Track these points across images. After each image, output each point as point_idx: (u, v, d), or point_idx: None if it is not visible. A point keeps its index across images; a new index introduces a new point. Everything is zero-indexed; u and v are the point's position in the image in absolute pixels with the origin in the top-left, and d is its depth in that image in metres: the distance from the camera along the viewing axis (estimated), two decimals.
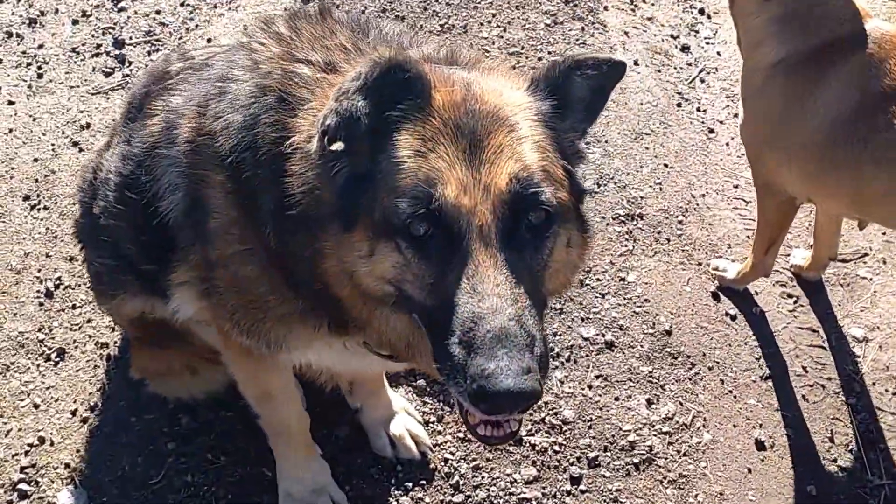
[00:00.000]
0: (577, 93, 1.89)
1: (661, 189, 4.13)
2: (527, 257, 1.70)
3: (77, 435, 3.30)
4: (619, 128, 4.41)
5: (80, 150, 4.30)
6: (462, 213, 1.64)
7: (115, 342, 3.56)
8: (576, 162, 1.89)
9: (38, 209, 4.06)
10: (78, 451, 3.25)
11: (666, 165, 4.25)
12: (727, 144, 4.42)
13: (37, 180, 4.17)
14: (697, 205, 4.08)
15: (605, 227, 3.92)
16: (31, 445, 3.27)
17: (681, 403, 3.29)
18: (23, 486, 3.16)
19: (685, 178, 4.22)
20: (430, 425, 3.24)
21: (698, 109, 4.63)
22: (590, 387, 3.33)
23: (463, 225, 1.64)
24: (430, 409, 3.28)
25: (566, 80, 1.86)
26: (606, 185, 4.11)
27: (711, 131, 4.49)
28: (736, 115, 4.58)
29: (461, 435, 3.22)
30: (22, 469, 3.20)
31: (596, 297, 3.64)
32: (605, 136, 4.34)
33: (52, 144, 4.33)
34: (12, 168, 4.23)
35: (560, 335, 3.50)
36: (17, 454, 3.25)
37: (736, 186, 4.19)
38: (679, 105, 4.63)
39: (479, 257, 1.62)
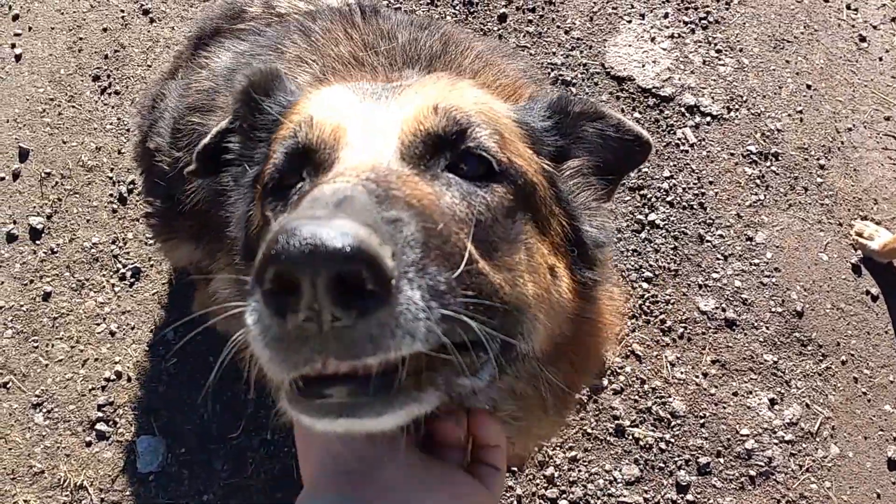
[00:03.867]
0: (587, 139, 1.30)
1: (801, 120, 3.07)
2: (449, 192, 1.01)
3: (154, 371, 2.73)
4: (756, 31, 3.27)
5: (152, 20, 3.38)
6: (332, 135, 1.07)
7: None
8: (583, 213, 1.25)
9: (109, 93, 3.23)
10: (156, 390, 2.70)
11: (809, 86, 3.17)
12: (880, 59, 3.28)
13: (106, 56, 3.29)
14: (842, 143, 3.05)
15: (734, 166, 2.95)
16: (108, 380, 2.72)
17: (808, 406, 2.54)
18: (101, 426, 2.65)
19: (830, 103, 3.15)
20: None
21: (849, 7, 3.41)
22: (705, 375, 2.58)
23: (331, 144, 1.06)
24: None
25: (575, 120, 1.29)
26: (738, 110, 3.07)
27: (863, 39, 3.33)
28: (894, 20, 3.39)
29: None
30: (100, 407, 2.68)
31: (717, 258, 2.78)
32: (740, 41, 3.22)
33: (122, 11, 3.39)
34: (80, 39, 3.34)
35: (673, 304, 2.69)
36: (94, 388, 2.72)
37: (888, 119, 3.13)
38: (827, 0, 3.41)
39: (344, 163, 1.00)
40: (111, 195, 3.03)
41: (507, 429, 1.16)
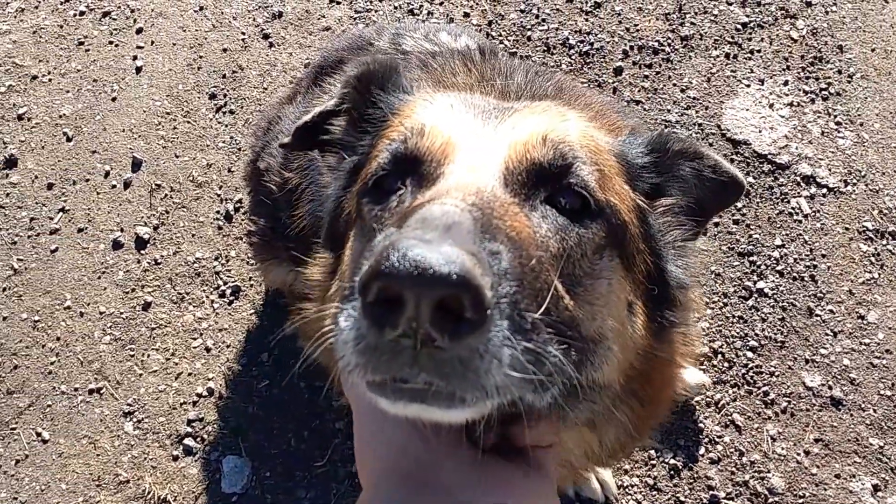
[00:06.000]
0: (683, 178, 1.36)
1: None
2: (547, 223, 1.10)
3: (245, 391, 2.86)
4: (878, 106, 3.33)
5: (271, 44, 3.58)
6: (441, 149, 1.15)
7: None
8: (669, 252, 1.31)
9: (224, 112, 3.44)
10: (246, 411, 2.82)
11: None
12: None
13: (224, 76, 3.51)
14: None
15: (848, 241, 3.01)
16: (199, 395, 2.86)
17: None
18: (189, 441, 2.79)
19: None
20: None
21: None
22: (807, 453, 2.61)
23: (438, 158, 1.15)
24: None
25: (673, 158, 1.34)
26: (855, 184, 3.13)
27: None
28: None
29: (650, 481, 2.62)
30: (189, 422, 2.81)
31: (826, 334, 2.82)
32: (861, 116, 3.29)
33: (243, 33, 3.62)
34: (200, 57, 3.57)
35: (778, 377, 2.74)
36: (185, 403, 2.86)
37: None
38: None
39: (449, 181, 1.08)
40: (218, 212, 3.23)
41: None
